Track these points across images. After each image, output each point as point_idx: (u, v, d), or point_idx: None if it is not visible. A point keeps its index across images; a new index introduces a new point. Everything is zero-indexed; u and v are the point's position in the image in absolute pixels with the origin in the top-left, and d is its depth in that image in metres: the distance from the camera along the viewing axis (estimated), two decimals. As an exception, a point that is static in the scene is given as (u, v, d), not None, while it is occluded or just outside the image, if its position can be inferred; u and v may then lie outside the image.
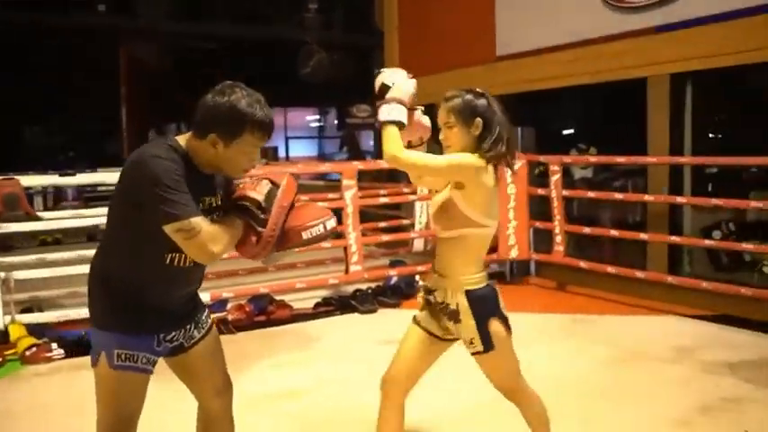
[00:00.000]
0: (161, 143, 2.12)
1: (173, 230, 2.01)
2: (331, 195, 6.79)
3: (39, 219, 4.87)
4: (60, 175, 5.34)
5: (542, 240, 7.14)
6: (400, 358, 2.64)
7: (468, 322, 2.48)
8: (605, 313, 5.78)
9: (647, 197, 6.61)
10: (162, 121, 17.85)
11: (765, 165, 6.64)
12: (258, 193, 2.15)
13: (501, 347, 2.51)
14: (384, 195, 7.41)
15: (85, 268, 2.29)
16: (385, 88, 2.46)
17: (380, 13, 11.68)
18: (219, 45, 12.77)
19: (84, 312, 5.01)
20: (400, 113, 2.43)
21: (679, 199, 6.53)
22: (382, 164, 6.66)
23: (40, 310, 5.42)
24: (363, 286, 6.17)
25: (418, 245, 6.97)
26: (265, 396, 4.05)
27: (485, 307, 2.49)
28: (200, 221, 2.02)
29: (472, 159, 2.44)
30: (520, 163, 6.61)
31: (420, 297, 2.67)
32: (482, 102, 2.50)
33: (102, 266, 2.19)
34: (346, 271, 6.05)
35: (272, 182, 2.20)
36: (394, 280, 6.26)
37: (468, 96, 2.50)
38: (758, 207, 6.14)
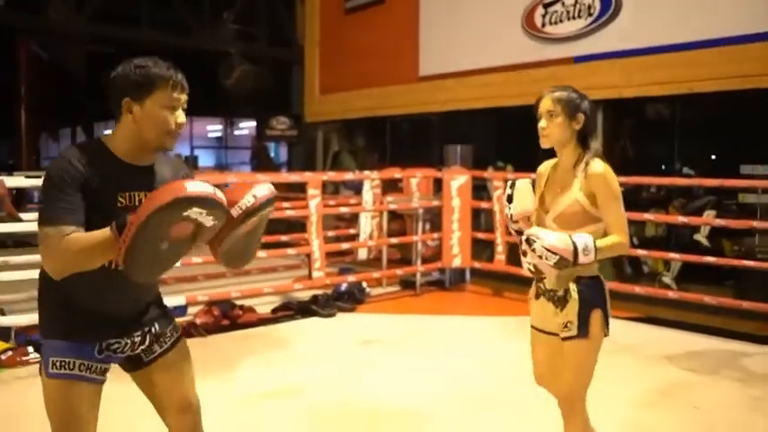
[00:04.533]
0: (79, 145, 2.09)
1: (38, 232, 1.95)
2: (285, 204, 7.03)
3: (20, 220, 4.81)
4: (26, 177, 5.26)
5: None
6: (537, 366, 2.75)
7: (573, 306, 2.51)
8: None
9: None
10: (60, 124, 17.22)
11: (663, 184, 7.57)
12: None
13: (594, 340, 2.53)
14: (344, 205, 7.72)
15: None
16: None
17: (301, 27, 11.96)
18: (133, 49, 12.51)
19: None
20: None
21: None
22: (291, 176, 7.07)
23: (2, 313, 5.31)
24: (319, 292, 6.43)
25: (362, 253, 7.30)
26: (262, 394, 4.24)
27: (592, 294, 2.52)
28: (52, 231, 1.90)
29: (613, 174, 2.50)
30: (465, 177, 7.12)
31: (533, 289, 2.71)
32: (586, 102, 2.56)
33: (42, 274, 2.08)
34: (309, 276, 6.30)
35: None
36: (345, 286, 6.56)
37: (574, 93, 2.55)
38: (655, 220, 6.99)
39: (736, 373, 4.72)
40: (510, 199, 2.65)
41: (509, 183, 2.68)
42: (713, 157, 8.46)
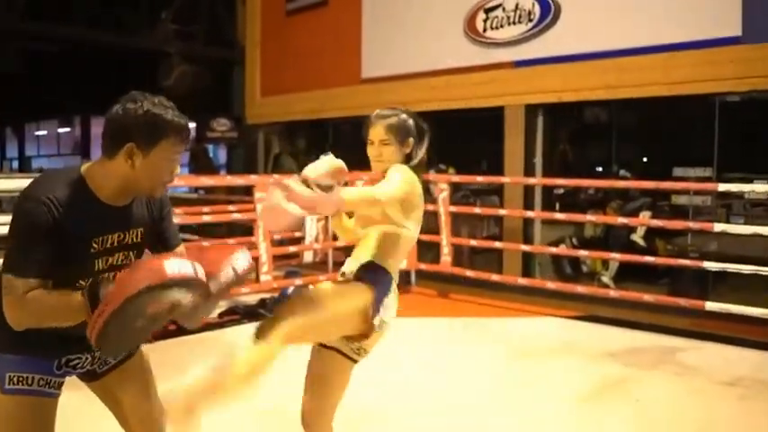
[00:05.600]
0: (58, 176, 1.97)
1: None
2: (231, 207, 6.95)
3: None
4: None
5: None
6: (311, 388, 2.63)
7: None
8: (492, 317, 6.48)
9: (501, 211, 7.51)
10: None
11: (600, 186, 7.81)
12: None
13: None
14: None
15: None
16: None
17: (243, 27, 11.84)
18: (70, 48, 12.18)
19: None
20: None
21: (529, 213, 7.45)
22: (237, 179, 7.10)
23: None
24: (266, 295, 6.39)
25: (308, 256, 7.30)
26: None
27: (375, 281, 2.46)
28: (19, 282, 1.82)
29: (410, 176, 2.51)
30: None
31: None
32: (411, 122, 2.62)
33: None
34: (257, 280, 6.26)
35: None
36: (290, 289, 6.50)
37: (403, 116, 2.61)
38: (596, 221, 7.21)
39: (673, 366, 4.93)
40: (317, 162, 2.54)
41: (327, 154, 2.62)
42: (648, 160, 8.75)
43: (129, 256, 2.06)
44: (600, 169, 8.79)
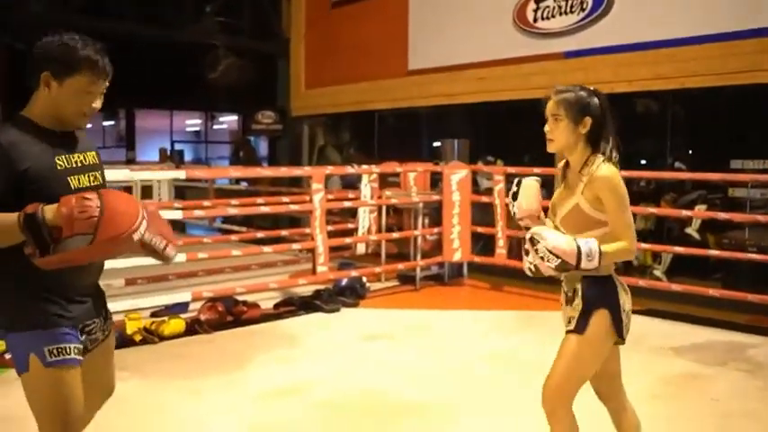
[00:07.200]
0: (7, 122, 2.12)
1: None
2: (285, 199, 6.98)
3: None
4: None
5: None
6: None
7: (577, 303, 2.45)
8: (549, 309, 6.40)
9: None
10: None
11: (653, 178, 7.68)
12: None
13: (590, 340, 2.44)
14: (346, 200, 7.71)
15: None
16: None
17: (287, 20, 11.87)
18: (115, 43, 12.18)
19: None
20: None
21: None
22: (294, 171, 7.20)
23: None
24: (321, 287, 6.40)
25: (361, 248, 7.31)
26: (275, 392, 4.20)
27: (597, 293, 2.44)
28: None
29: (619, 179, 2.44)
30: (465, 172, 7.15)
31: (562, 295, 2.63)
32: (594, 101, 2.46)
33: (4, 266, 2.04)
34: (314, 271, 6.27)
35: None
36: (345, 281, 6.53)
37: (582, 93, 2.47)
38: (651, 213, 7.07)
39: (743, 364, 4.81)
40: (515, 197, 2.61)
41: (516, 180, 2.63)
42: (703, 151, 8.59)
43: (97, 178, 2.20)
44: (647, 162, 8.64)
